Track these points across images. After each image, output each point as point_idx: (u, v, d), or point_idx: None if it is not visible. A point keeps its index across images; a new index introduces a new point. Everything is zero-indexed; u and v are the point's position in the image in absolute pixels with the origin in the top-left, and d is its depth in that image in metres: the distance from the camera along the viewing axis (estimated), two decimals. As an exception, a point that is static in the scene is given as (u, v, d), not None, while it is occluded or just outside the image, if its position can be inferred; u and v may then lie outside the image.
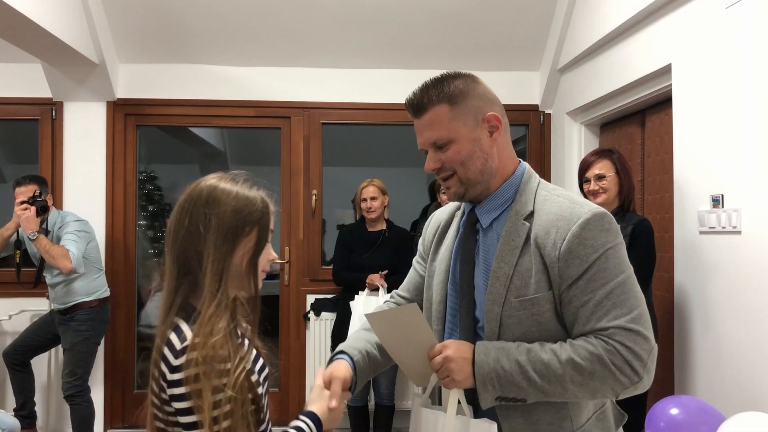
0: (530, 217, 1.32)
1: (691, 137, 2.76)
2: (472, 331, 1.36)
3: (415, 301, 1.55)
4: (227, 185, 1.26)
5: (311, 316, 4.31)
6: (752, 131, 2.35)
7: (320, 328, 4.29)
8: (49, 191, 3.74)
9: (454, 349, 1.27)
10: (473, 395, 1.31)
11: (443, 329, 1.43)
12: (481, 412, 1.32)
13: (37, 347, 3.84)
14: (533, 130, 4.51)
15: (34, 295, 4.04)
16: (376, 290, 3.72)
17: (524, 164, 1.42)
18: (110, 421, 4.25)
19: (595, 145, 4.03)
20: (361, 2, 3.95)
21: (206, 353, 1.14)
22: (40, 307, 4.06)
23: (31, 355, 3.84)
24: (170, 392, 1.17)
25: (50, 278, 3.65)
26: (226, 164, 5.78)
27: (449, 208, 1.55)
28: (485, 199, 1.38)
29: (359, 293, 3.75)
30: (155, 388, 1.21)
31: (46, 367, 4.17)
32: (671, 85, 2.91)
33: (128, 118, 4.32)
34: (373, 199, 3.88)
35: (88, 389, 3.70)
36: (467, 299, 1.37)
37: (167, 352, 1.18)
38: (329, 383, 1.33)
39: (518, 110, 4.40)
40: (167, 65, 4.30)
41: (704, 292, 2.64)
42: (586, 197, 2.82)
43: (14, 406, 3.86)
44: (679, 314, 2.83)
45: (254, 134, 5.41)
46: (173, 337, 1.19)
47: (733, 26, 2.46)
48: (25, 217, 3.45)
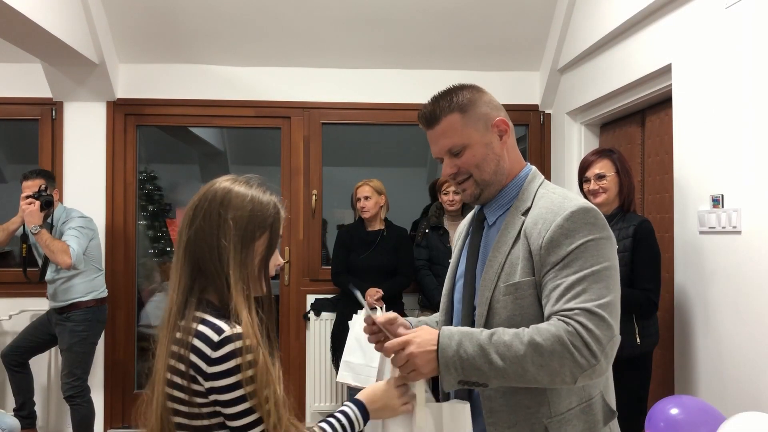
0: (527, 212, 1.41)
1: (691, 137, 2.76)
2: (470, 317, 1.44)
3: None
4: (242, 188, 1.30)
5: (311, 316, 4.31)
6: (752, 131, 2.35)
7: (320, 328, 4.29)
8: (55, 186, 3.76)
9: (416, 344, 1.30)
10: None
11: (450, 320, 1.54)
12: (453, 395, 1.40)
13: (34, 348, 3.84)
14: (533, 130, 4.51)
15: (34, 295, 4.04)
16: (374, 309, 3.67)
17: (531, 166, 1.52)
18: (110, 421, 4.25)
19: (595, 145, 4.03)
20: (361, 2, 3.94)
21: (250, 343, 1.19)
22: (40, 307, 4.06)
23: (29, 355, 3.84)
24: (209, 384, 1.19)
25: (50, 274, 3.65)
26: (226, 164, 5.77)
27: (470, 216, 1.64)
28: (493, 198, 1.48)
29: (357, 312, 3.70)
30: (181, 381, 1.21)
31: (45, 367, 4.17)
32: (671, 85, 2.91)
33: (128, 118, 4.32)
34: (366, 198, 3.87)
35: (87, 389, 3.70)
36: (469, 288, 1.46)
37: (200, 344, 1.20)
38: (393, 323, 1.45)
39: (518, 110, 4.39)
40: (167, 65, 4.30)
41: (704, 292, 2.64)
42: (586, 197, 2.81)
43: (14, 406, 3.87)
44: (679, 314, 2.83)
45: (254, 134, 5.41)
46: (204, 329, 1.21)
47: (733, 26, 2.46)
48: (28, 211, 3.46)
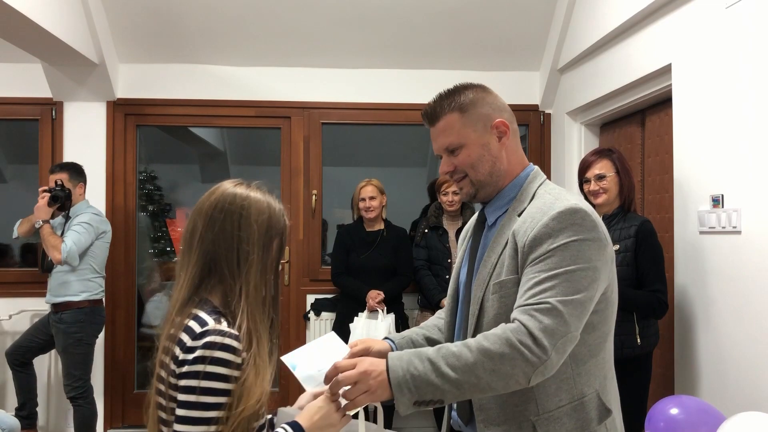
0: (523, 213, 1.41)
1: (691, 137, 2.76)
2: (467, 317, 1.45)
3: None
4: (258, 194, 1.32)
5: (311, 316, 4.30)
6: (752, 131, 2.35)
7: (320, 328, 4.29)
8: (81, 181, 3.72)
9: (369, 362, 1.28)
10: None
11: (454, 321, 1.54)
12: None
13: (36, 348, 3.83)
14: (533, 130, 4.51)
15: (34, 295, 4.04)
16: (375, 312, 3.68)
17: (533, 166, 1.51)
18: (110, 421, 4.25)
19: (595, 144, 4.03)
20: (361, 2, 3.94)
21: (223, 341, 1.19)
22: (40, 307, 4.04)
23: (31, 355, 3.83)
24: (179, 371, 1.20)
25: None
26: (226, 164, 5.76)
27: (474, 217, 1.65)
28: (493, 199, 1.49)
29: (359, 314, 3.70)
30: (164, 374, 1.24)
31: (46, 367, 4.17)
32: (671, 85, 2.91)
33: (128, 118, 4.32)
34: (371, 198, 3.87)
35: (90, 390, 3.68)
36: (467, 289, 1.47)
37: (184, 336, 1.22)
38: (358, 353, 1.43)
39: (518, 110, 4.34)
40: (167, 65, 4.29)
41: (704, 292, 2.64)
42: (586, 197, 2.81)
43: (15, 405, 3.87)
44: (679, 314, 2.83)
45: (254, 134, 5.40)
46: (193, 323, 1.23)
47: (733, 26, 2.46)
48: (36, 205, 3.46)
